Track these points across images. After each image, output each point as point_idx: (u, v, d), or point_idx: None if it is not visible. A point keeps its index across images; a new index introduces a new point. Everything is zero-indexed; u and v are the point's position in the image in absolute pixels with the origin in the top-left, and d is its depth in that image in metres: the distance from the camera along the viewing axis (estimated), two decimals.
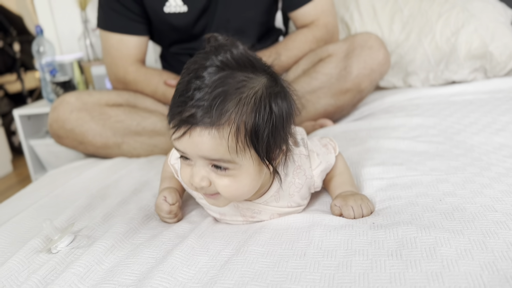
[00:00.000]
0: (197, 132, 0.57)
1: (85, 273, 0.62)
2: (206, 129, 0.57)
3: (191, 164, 0.63)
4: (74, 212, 0.84)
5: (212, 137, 0.57)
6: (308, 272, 0.56)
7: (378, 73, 1.28)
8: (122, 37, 1.31)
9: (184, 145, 0.60)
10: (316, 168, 0.75)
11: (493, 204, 0.66)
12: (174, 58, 1.41)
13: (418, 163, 0.86)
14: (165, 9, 1.27)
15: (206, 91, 0.56)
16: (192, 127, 0.57)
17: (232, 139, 0.58)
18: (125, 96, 1.31)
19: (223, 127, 0.57)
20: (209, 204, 0.69)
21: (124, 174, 1.07)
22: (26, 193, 1.04)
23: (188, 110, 0.57)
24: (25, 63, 3.10)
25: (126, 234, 0.73)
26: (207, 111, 0.56)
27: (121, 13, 1.29)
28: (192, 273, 0.60)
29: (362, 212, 0.70)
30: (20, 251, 0.69)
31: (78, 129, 1.21)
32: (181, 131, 0.58)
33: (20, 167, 2.65)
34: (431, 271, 0.52)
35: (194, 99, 0.57)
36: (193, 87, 0.57)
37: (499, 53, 1.44)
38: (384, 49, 1.28)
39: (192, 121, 0.57)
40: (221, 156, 0.59)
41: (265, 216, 0.74)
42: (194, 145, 0.58)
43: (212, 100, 0.56)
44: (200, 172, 0.61)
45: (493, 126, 1.03)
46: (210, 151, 0.58)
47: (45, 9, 2.07)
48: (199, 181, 0.61)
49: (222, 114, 0.56)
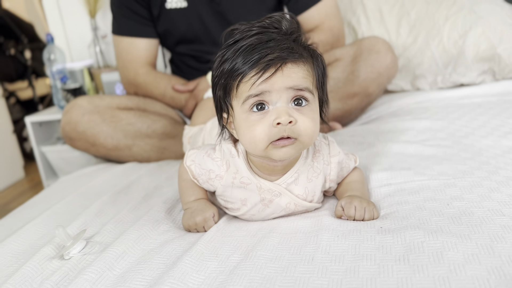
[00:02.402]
0: (289, 65, 0.65)
1: (97, 279, 0.63)
2: (296, 62, 0.66)
3: (266, 114, 0.66)
4: (86, 219, 0.86)
5: (301, 68, 0.67)
6: (316, 277, 0.57)
7: (386, 76, 1.29)
8: (132, 40, 1.35)
9: (272, 83, 0.65)
10: (335, 156, 0.78)
11: (500, 208, 0.66)
12: (181, 61, 1.44)
13: (426, 168, 0.87)
14: (167, 5, 1.31)
15: (279, 39, 0.66)
16: (284, 63, 0.65)
17: (312, 73, 0.69)
18: (135, 100, 1.34)
19: (307, 61, 0.68)
20: (277, 155, 0.68)
21: (135, 180, 1.08)
22: (39, 200, 1.05)
23: (274, 52, 0.65)
24: (36, 70, 3.13)
25: (137, 240, 0.74)
26: (292, 51, 0.66)
27: (130, 17, 1.34)
28: (201, 278, 0.61)
29: (363, 215, 0.71)
30: (33, 257, 0.70)
31: (90, 131, 1.23)
32: (271, 71, 0.65)
33: (32, 173, 2.68)
34: (438, 276, 0.52)
35: (272, 46, 0.65)
36: (263, 41, 0.66)
37: (507, 55, 1.43)
38: (392, 53, 1.28)
39: (283, 57, 0.65)
40: (308, 85, 0.67)
41: (283, 201, 0.75)
42: (285, 77, 0.65)
43: (290, 44, 0.66)
44: (285, 109, 0.65)
45: (501, 129, 1.03)
46: (301, 80, 0.66)
47: (56, 17, 2.10)
48: (288, 116, 0.64)
49: (303, 52, 0.68)
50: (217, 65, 0.70)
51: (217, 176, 0.77)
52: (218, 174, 0.77)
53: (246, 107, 0.67)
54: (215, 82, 0.71)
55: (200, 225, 0.77)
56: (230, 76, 0.67)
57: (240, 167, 0.75)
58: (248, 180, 0.75)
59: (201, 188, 0.82)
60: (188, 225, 0.78)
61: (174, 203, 0.91)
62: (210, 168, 0.78)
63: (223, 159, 0.76)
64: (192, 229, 0.78)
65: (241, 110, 0.67)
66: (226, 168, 0.76)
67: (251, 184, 0.75)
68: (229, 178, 0.76)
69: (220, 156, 0.77)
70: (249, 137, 0.67)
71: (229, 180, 0.76)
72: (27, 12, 3.65)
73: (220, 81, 0.69)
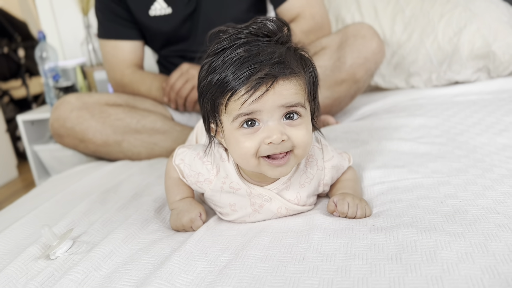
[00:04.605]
0: (280, 83, 0.62)
1: (83, 280, 0.62)
2: (288, 78, 0.63)
3: (256, 130, 0.64)
4: (74, 218, 0.84)
5: (293, 84, 0.64)
6: (306, 277, 0.56)
7: (373, 62, 1.27)
8: (116, 43, 1.37)
9: (263, 102, 0.62)
10: (328, 161, 0.76)
11: (495, 206, 0.65)
12: (167, 61, 1.44)
13: (419, 165, 0.85)
14: (151, 12, 1.30)
15: (269, 52, 0.63)
16: (276, 80, 0.62)
17: (304, 87, 0.66)
18: (124, 97, 1.34)
19: (299, 75, 0.65)
20: (272, 174, 0.67)
21: (125, 179, 1.07)
22: (27, 199, 1.04)
23: (264, 69, 0.62)
24: (30, 69, 3.11)
25: (125, 239, 0.73)
26: (283, 66, 0.63)
27: (113, 20, 1.34)
28: (190, 278, 0.60)
29: (356, 212, 0.70)
30: (18, 257, 0.69)
31: (79, 127, 1.22)
32: (262, 89, 0.62)
33: (25, 172, 2.65)
34: (431, 275, 0.51)
35: (262, 60, 0.62)
36: (253, 53, 0.63)
37: (502, 52, 1.43)
38: (378, 37, 1.27)
39: (274, 74, 0.62)
40: (300, 99, 0.64)
41: (274, 206, 0.74)
42: (276, 96, 0.62)
43: (281, 57, 0.63)
44: (277, 127, 0.63)
45: (496, 127, 1.02)
46: (293, 96, 0.63)
47: (48, 14, 2.08)
48: (280, 135, 0.63)
49: (296, 65, 0.65)
50: (205, 74, 0.66)
51: (206, 180, 0.76)
52: (207, 178, 0.75)
53: (236, 124, 0.64)
54: (202, 92, 0.68)
55: (187, 226, 0.75)
56: (218, 91, 0.64)
57: (230, 172, 0.73)
58: (237, 185, 0.73)
59: (187, 186, 0.81)
60: (176, 226, 0.77)
61: (164, 202, 0.89)
62: (199, 171, 0.76)
63: (214, 163, 0.74)
64: (180, 230, 0.76)
65: (231, 127, 0.65)
66: (216, 172, 0.74)
67: (241, 190, 0.73)
68: (218, 183, 0.74)
69: (211, 160, 0.75)
70: (240, 153, 0.66)
71: (218, 185, 0.74)
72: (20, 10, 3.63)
73: (208, 93, 0.66)
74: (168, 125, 1.28)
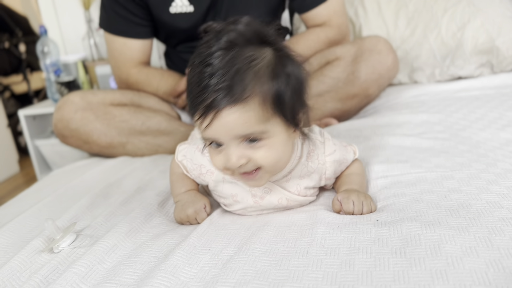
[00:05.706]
0: (224, 113, 0.59)
1: (87, 273, 0.62)
2: (232, 108, 0.59)
3: (222, 150, 0.64)
4: (77, 212, 0.84)
5: (240, 113, 0.59)
6: (310, 271, 0.56)
7: (387, 78, 1.27)
8: (126, 41, 1.31)
9: (214, 131, 0.61)
10: (330, 155, 0.75)
11: (499, 201, 0.65)
12: (178, 57, 1.41)
13: (423, 160, 0.85)
14: (171, 9, 1.26)
15: (221, 73, 0.58)
16: (219, 110, 0.59)
17: (259, 109, 0.60)
18: (129, 95, 1.31)
19: (247, 101, 0.59)
20: (249, 186, 0.69)
21: (128, 173, 1.07)
22: (30, 193, 1.04)
23: (209, 97, 0.59)
24: (31, 64, 3.10)
25: (128, 233, 0.73)
26: (228, 92, 0.58)
27: (125, 17, 1.28)
28: (194, 272, 0.60)
29: (362, 209, 0.70)
30: (22, 251, 0.69)
31: (83, 128, 1.21)
32: (209, 118, 0.60)
33: (27, 167, 2.66)
34: (435, 269, 0.51)
35: (211, 85, 0.59)
36: (206, 75, 0.59)
37: (506, 48, 1.42)
38: (393, 53, 1.26)
39: (216, 105, 0.59)
40: (253, 129, 0.61)
41: (274, 197, 0.74)
42: (224, 127, 0.60)
43: (229, 80, 0.58)
44: (235, 152, 0.62)
45: (499, 122, 1.01)
46: (242, 127, 0.60)
47: (49, 9, 2.07)
48: (236, 160, 0.62)
49: (243, 89, 0.59)
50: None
51: (208, 171, 0.76)
52: (209, 169, 0.76)
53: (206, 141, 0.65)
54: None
55: (192, 217, 0.75)
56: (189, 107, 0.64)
57: None
58: None
59: (191, 180, 0.81)
60: (180, 218, 0.76)
61: (168, 196, 0.89)
62: (201, 163, 0.76)
63: None
64: (185, 221, 0.76)
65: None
66: None
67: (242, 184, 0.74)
68: (220, 173, 0.75)
69: None
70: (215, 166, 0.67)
71: (220, 175, 0.75)
72: (21, 5, 3.62)
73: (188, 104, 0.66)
74: (173, 125, 1.27)
